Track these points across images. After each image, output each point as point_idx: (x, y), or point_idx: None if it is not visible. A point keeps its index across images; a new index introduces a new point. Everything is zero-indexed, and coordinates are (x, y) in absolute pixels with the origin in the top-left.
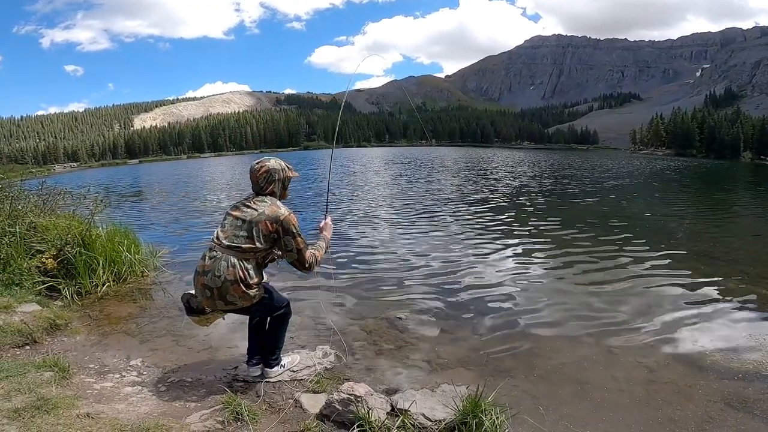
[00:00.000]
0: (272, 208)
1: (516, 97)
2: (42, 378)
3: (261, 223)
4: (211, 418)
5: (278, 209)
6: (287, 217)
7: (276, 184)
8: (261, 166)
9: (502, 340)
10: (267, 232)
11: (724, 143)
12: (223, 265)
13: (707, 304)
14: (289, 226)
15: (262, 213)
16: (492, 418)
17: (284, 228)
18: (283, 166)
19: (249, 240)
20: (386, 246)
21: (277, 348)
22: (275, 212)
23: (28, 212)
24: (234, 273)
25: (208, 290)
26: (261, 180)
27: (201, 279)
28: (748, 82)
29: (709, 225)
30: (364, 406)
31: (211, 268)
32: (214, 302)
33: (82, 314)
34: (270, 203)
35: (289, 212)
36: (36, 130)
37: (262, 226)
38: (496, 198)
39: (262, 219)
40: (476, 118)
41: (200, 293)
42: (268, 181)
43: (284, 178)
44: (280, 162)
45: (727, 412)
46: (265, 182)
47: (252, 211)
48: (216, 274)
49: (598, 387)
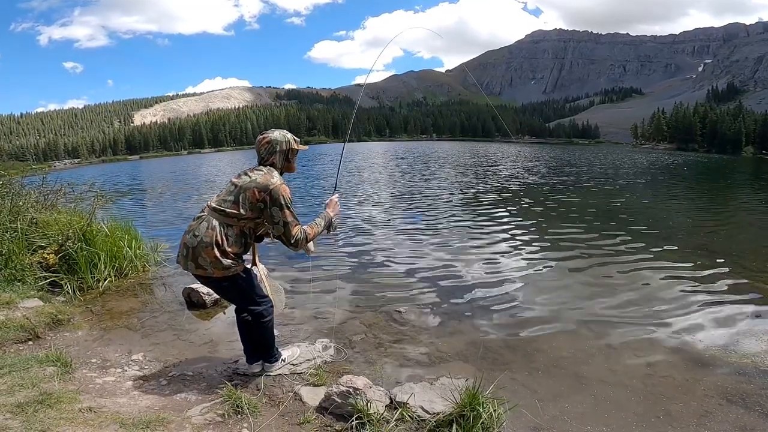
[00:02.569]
0: (266, 177)
1: (517, 92)
2: (45, 373)
3: (249, 190)
4: (212, 411)
5: (271, 178)
6: (277, 187)
7: (277, 156)
8: (264, 137)
9: (501, 334)
10: (254, 200)
11: (725, 138)
12: (203, 225)
13: (706, 299)
14: (278, 196)
15: (254, 180)
16: (489, 411)
17: (272, 197)
18: (287, 138)
19: (234, 205)
20: (386, 240)
21: (268, 346)
22: (266, 180)
23: (29, 208)
24: (212, 235)
25: (185, 249)
26: (262, 150)
27: (184, 237)
28: (750, 77)
29: (710, 219)
30: (363, 399)
31: (193, 229)
32: (186, 262)
33: (84, 309)
34: (265, 172)
35: (281, 182)
36: (36, 127)
37: (250, 193)
38: (497, 192)
39: (252, 186)
40: (477, 112)
41: (179, 252)
42: (269, 152)
43: (287, 149)
44: (284, 134)
45: (726, 407)
46: (266, 153)
47: (246, 178)
48: (195, 234)
49: (596, 381)
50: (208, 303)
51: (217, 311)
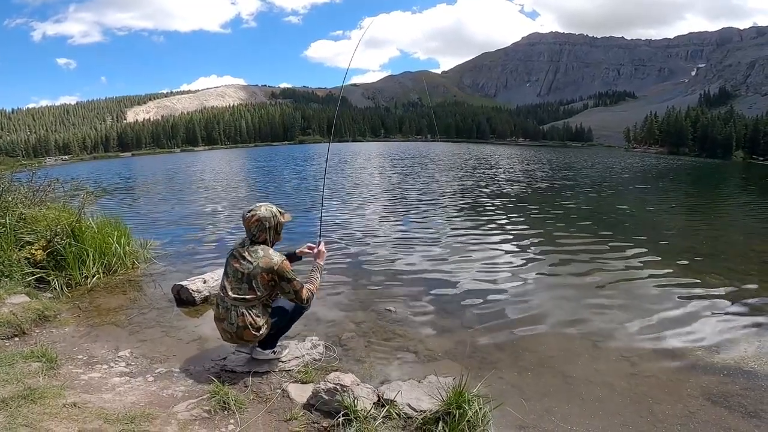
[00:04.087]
0: (265, 259)
1: (512, 94)
2: (30, 368)
3: (259, 275)
4: (198, 407)
5: (271, 260)
6: (281, 266)
7: (268, 232)
8: (252, 214)
9: (489, 333)
10: (265, 282)
11: (716, 142)
12: (233, 314)
13: (692, 300)
14: (283, 273)
15: (257, 266)
16: (475, 408)
17: (280, 276)
18: (274, 213)
19: (251, 291)
20: (377, 240)
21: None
22: (269, 264)
23: (18, 203)
24: (244, 320)
25: (227, 333)
26: (253, 228)
27: (220, 324)
28: (742, 82)
29: (698, 222)
30: (351, 396)
31: (225, 317)
32: (234, 341)
33: (71, 306)
34: (263, 254)
35: (281, 260)
36: (27, 123)
37: (260, 278)
38: (488, 193)
39: (259, 272)
40: (472, 114)
41: (222, 333)
42: (260, 229)
43: (276, 224)
44: (270, 209)
45: (709, 407)
46: (257, 230)
47: (248, 264)
48: (230, 322)
49: (581, 380)
50: (197, 300)
51: (207, 308)
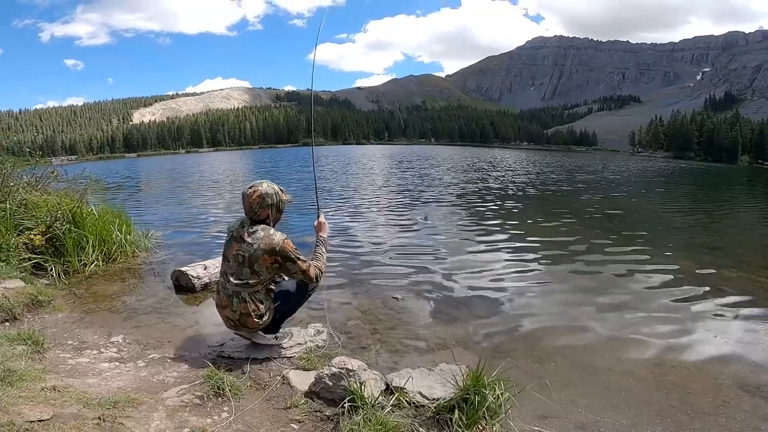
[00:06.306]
0: (266, 240)
1: (516, 98)
2: (14, 351)
3: (260, 258)
4: (190, 393)
5: (272, 240)
6: (283, 246)
7: (271, 209)
8: (254, 190)
9: (500, 322)
10: (268, 264)
11: (722, 146)
12: (236, 301)
13: (712, 293)
14: (286, 253)
15: (258, 248)
16: (496, 393)
17: (283, 256)
18: (276, 190)
19: (254, 275)
20: (384, 229)
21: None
22: (270, 244)
23: (19, 188)
24: (246, 307)
25: (230, 320)
26: (254, 205)
27: (223, 311)
28: (748, 86)
29: (710, 221)
30: (357, 381)
31: (227, 305)
32: (238, 328)
33: (67, 292)
34: (263, 234)
35: (283, 239)
36: (34, 124)
37: (262, 260)
38: (500, 190)
39: (261, 254)
40: (476, 117)
41: (225, 321)
42: (262, 206)
43: (278, 201)
44: (272, 185)
45: (743, 396)
46: (258, 207)
47: (248, 246)
48: (233, 309)
49: (603, 370)
50: (197, 287)
51: (207, 295)
